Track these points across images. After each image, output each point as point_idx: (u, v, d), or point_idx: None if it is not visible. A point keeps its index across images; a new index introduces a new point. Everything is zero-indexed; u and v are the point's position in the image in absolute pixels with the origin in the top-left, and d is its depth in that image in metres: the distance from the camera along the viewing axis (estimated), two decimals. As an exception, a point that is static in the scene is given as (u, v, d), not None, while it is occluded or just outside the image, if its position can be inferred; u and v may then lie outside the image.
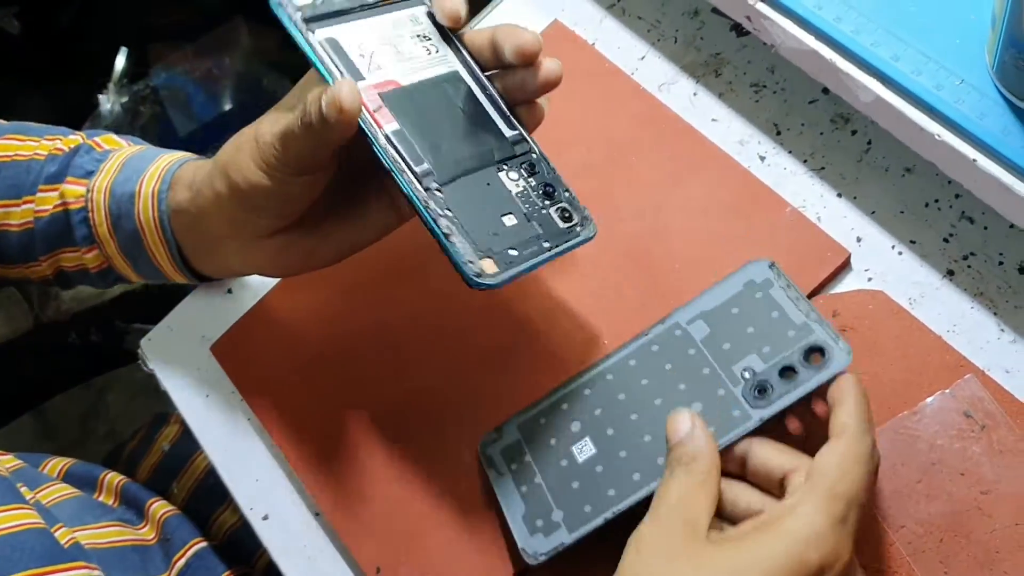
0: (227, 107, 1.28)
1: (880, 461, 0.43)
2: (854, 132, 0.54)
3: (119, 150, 0.59)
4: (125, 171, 0.57)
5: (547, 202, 0.48)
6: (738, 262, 0.52)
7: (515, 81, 0.48)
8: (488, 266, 0.45)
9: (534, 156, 0.49)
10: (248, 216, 0.50)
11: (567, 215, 0.48)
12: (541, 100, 0.50)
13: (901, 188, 0.52)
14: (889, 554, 0.45)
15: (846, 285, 0.51)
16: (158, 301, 0.72)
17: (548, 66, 0.48)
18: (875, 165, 0.53)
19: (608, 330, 0.53)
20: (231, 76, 1.27)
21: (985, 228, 0.50)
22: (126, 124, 1.31)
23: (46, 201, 0.59)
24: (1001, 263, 0.49)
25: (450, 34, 0.49)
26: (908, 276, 0.50)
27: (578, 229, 0.48)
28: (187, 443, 0.71)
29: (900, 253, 0.51)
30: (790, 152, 0.55)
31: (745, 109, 0.57)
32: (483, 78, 0.49)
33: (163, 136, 1.28)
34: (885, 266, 0.51)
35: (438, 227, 0.44)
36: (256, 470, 0.57)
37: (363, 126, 0.45)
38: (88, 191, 0.57)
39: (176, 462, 0.71)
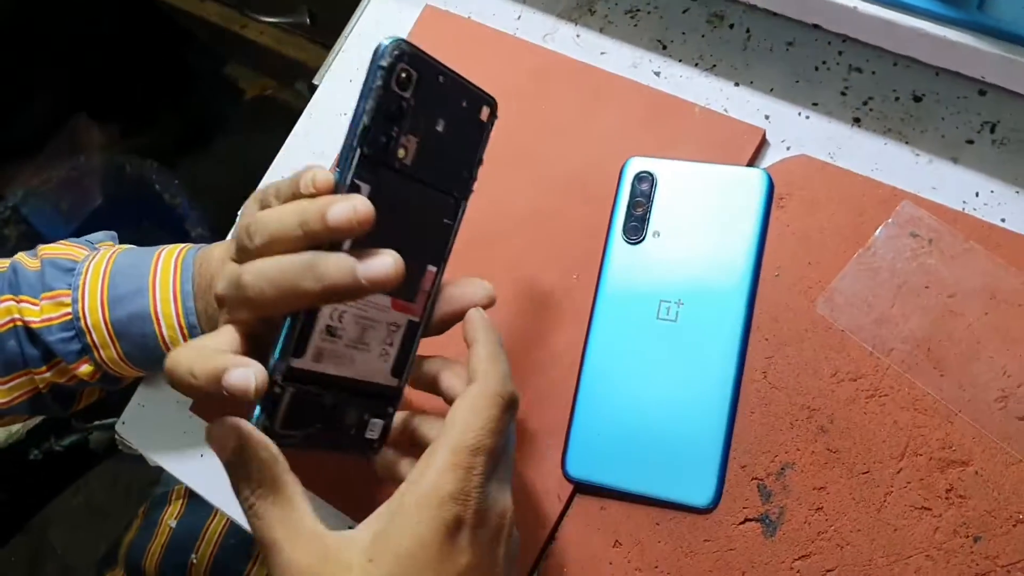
0: (98, 202, 1.23)
1: (517, 396, 0.41)
2: (731, 26, 0.58)
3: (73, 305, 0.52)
4: (125, 343, 0.52)
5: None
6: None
7: None
8: None
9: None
10: None
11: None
12: None
13: (789, 61, 0.56)
14: (888, 376, 0.49)
15: (770, 158, 0.55)
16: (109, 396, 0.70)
17: None
18: (759, 49, 0.57)
19: (575, 264, 0.55)
20: (92, 172, 1.22)
21: (873, 73, 0.55)
22: (-6, 253, 1.25)
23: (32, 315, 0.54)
24: (897, 98, 0.54)
25: None
26: (820, 134, 0.54)
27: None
28: (195, 514, 0.70)
29: (807, 117, 0.55)
30: (680, 61, 0.59)
31: (628, 35, 0.60)
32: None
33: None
34: (797, 132, 0.55)
35: None
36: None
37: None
38: (97, 367, 0.53)
39: (189, 534, 0.69)
